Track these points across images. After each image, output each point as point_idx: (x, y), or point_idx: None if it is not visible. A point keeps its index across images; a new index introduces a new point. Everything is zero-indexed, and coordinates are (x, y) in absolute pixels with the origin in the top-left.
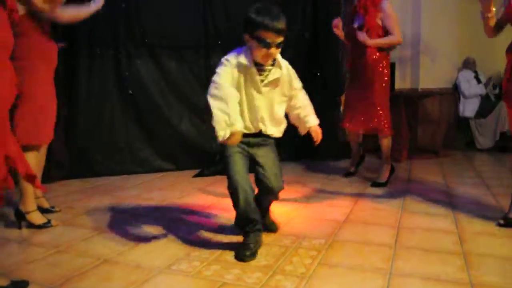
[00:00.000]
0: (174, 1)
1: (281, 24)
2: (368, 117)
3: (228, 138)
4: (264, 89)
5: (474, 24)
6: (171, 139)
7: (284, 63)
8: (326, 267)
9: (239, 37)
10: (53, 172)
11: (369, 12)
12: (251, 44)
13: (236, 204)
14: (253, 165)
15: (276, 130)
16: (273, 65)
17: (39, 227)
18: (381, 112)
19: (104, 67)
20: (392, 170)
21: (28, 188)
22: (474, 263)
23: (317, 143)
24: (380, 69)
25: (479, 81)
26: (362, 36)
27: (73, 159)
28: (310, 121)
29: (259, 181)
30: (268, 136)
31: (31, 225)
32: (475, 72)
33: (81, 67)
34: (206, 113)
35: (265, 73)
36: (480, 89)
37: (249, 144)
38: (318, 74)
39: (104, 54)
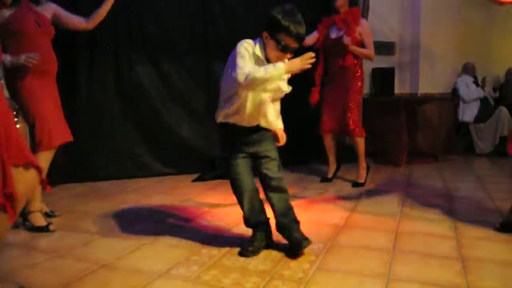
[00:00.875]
0: (174, 6)
1: (303, 32)
2: (341, 120)
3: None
4: (270, 87)
5: (473, 30)
6: (171, 143)
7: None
8: (324, 272)
9: (239, 41)
10: (54, 176)
11: (350, 27)
12: (269, 43)
13: (242, 207)
14: (256, 160)
15: (279, 123)
16: None
17: (38, 229)
18: (355, 116)
19: (104, 72)
20: (368, 169)
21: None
22: (472, 268)
23: (280, 144)
24: (357, 74)
25: (478, 86)
26: (347, 40)
27: (74, 163)
28: (280, 123)
29: (260, 173)
30: (266, 130)
31: (30, 229)
32: (475, 77)
33: (82, 72)
34: (205, 118)
35: None
36: (479, 93)
37: (249, 143)
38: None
39: (105, 60)
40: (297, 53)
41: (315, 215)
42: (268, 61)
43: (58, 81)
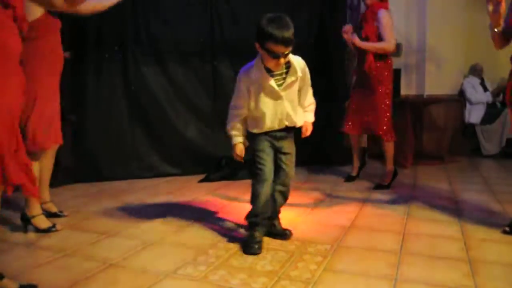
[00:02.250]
0: (181, 7)
1: (288, 35)
2: (371, 123)
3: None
4: (283, 93)
5: (480, 31)
6: (177, 144)
7: (299, 63)
8: (331, 273)
9: (246, 43)
10: (60, 176)
11: (368, 22)
12: (262, 53)
13: (257, 194)
14: (277, 153)
15: (299, 119)
16: (288, 67)
17: (44, 231)
18: (385, 119)
19: (111, 73)
20: (395, 174)
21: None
22: (479, 270)
23: (303, 136)
24: (381, 77)
25: (485, 87)
26: (353, 37)
27: (80, 163)
28: (309, 117)
29: (277, 167)
30: (291, 128)
31: (37, 229)
32: (481, 79)
33: (89, 73)
34: (212, 119)
35: (281, 77)
36: (487, 97)
37: (275, 138)
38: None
39: (112, 60)
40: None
41: (321, 216)
42: (269, 70)
43: (65, 80)
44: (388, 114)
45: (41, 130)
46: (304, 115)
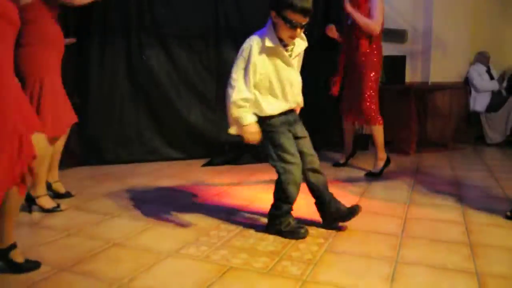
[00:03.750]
0: None
1: (308, 5)
2: (358, 108)
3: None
4: (293, 62)
5: (486, 18)
6: (181, 128)
7: (301, 35)
8: (332, 254)
9: (250, 28)
10: (65, 159)
11: (361, 7)
12: (277, 21)
13: (291, 195)
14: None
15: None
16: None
17: (49, 211)
18: (368, 104)
19: (115, 57)
20: (387, 161)
21: (39, 173)
22: (480, 253)
23: None
24: (371, 62)
25: (491, 75)
26: (347, 6)
27: (84, 147)
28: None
29: (300, 152)
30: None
31: (42, 209)
32: (488, 66)
33: (93, 56)
34: (215, 103)
35: (291, 47)
36: (493, 85)
37: (290, 123)
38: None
39: (116, 44)
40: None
41: None
42: (282, 42)
43: (70, 64)
44: (374, 99)
45: (56, 114)
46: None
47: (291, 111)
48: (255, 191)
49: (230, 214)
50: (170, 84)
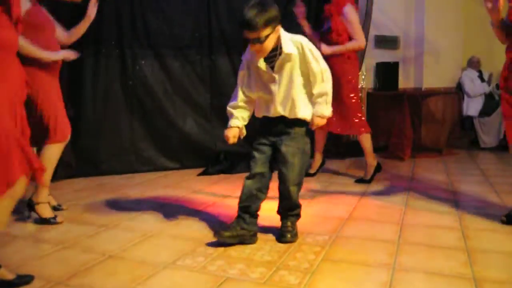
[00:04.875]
0: (178, 1)
1: (249, 17)
2: (342, 119)
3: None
4: (277, 75)
5: (478, 24)
6: (176, 138)
7: (298, 42)
8: (329, 263)
9: (243, 37)
10: (60, 171)
11: (334, 17)
12: None
13: (243, 185)
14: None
15: (298, 112)
16: (280, 49)
17: (44, 220)
18: (353, 112)
19: (109, 67)
20: (378, 168)
21: (44, 181)
22: (477, 259)
23: (312, 128)
24: (348, 69)
25: (483, 80)
26: (324, 49)
27: (79, 158)
28: (317, 110)
29: (278, 170)
30: (292, 123)
31: (37, 221)
32: (479, 71)
33: (87, 67)
34: (210, 112)
35: (274, 59)
36: (484, 88)
37: (272, 133)
38: None
39: (109, 54)
40: None
41: (320, 207)
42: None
43: (63, 75)
44: (357, 106)
45: (60, 118)
46: (314, 106)
47: (279, 121)
48: None
49: (226, 224)
50: (164, 94)
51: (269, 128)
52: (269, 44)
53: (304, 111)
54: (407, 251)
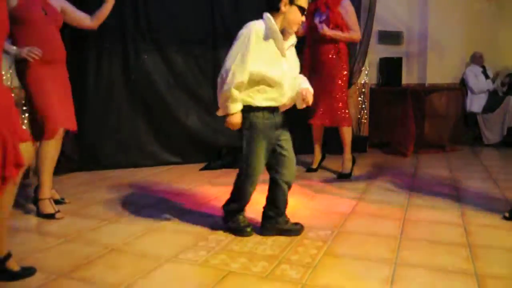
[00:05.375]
0: None
1: None
2: (329, 110)
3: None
4: (287, 53)
5: (481, 19)
6: (178, 132)
7: None
8: (331, 257)
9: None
10: (63, 165)
11: (332, 10)
12: (289, 10)
13: (246, 191)
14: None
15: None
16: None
17: (46, 216)
18: (340, 105)
19: (112, 62)
20: (353, 160)
21: (43, 177)
22: (479, 255)
23: (307, 104)
24: (341, 63)
25: (486, 76)
26: (321, 28)
27: (82, 152)
28: (302, 84)
29: (278, 155)
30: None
31: (40, 215)
32: (483, 67)
33: (90, 62)
34: (212, 107)
35: (287, 40)
36: (488, 85)
37: (276, 126)
38: None
39: (113, 49)
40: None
41: (322, 203)
42: (282, 32)
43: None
44: (344, 99)
45: (51, 113)
46: (304, 83)
47: (279, 112)
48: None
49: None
50: (167, 89)
51: (274, 123)
52: None
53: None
54: (409, 247)
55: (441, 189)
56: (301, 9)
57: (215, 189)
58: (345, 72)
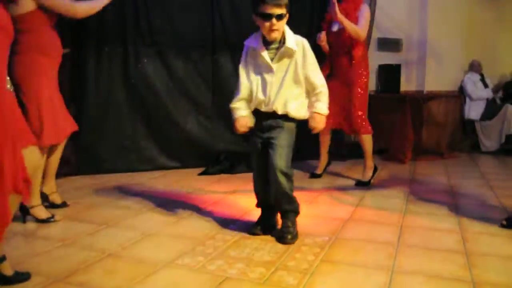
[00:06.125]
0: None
1: None
2: (348, 118)
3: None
4: (275, 66)
5: (480, 28)
6: (177, 137)
7: (299, 41)
8: (329, 264)
9: (246, 36)
10: (60, 168)
11: (350, 14)
12: (258, 22)
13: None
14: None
15: (295, 108)
16: (284, 43)
17: (43, 221)
18: (360, 113)
19: (112, 66)
20: (375, 170)
21: (33, 183)
22: (476, 262)
23: (313, 131)
24: (360, 70)
25: (485, 84)
26: (333, 11)
27: (80, 156)
28: (316, 106)
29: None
30: (282, 118)
31: (36, 220)
32: (481, 75)
33: (89, 65)
34: (211, 112)
35: (275, 50)
36: (487, 93)
37: (262, 129)
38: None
39: (112, 53)
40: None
41: (320, 209)
42: (267, 43)
43: (66, 74)
44: (364, 106)
45: (56, 121)
46: (314, 105)
47: (270, 116)
48: (250, 200)
49: (225, 224)
50: (166, 93)
51: (259, 122)
52: (283, 25)
53: (294, 108)
54: (407, 254)
55: (438, 196)
56: (263, 15)
57: (213, 194)
58: (365, 80)
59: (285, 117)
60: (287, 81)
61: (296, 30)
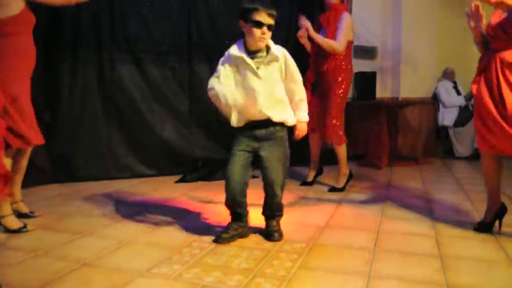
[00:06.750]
0: (158, 6)
1: (271, 9)
2: (323, 125)
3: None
4: (261, 73)
5: (453, 36)
6: (154, 144)
7: (280, 50)
8: (306, 270)
9: (223, 44)
10: (34, 176)
11: (330, 24)
12: (246, 29)
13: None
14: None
15: (278, 113)
16: (267, 52)
17: (15, 231)
18: (335, 121)
19: (86, 72)
20: (350, 176)
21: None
22: (450, 265)
23: (297, 138)
24: (339, 79)
25: (458, 91)
26: (301, 31)
27: (54, 163)
28: (298, 115)
29: (262, 174)
30: (275, 126)
31: (7, 230)
32: (454, 82)
33: (64, 72)
34: (188, 119)
35: (260, 59)
36: (460, 101)
37: (256, 138)
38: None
39: (87, 59)
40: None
41: (297, 216)
42: (249, 53)
43: (39, 81)
44: (340, 115)
45: (28, 126)
46: (295, 113)
47: (263, 125)
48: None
49: (203, 231)
50: (142, 100)
51: (250, 133)
52: (270, 36)
53: (288, 114)
54: (382, 259)
55: (413, 201)
56: (256, 23)
57: (190, 202)
58: (343, 88)
59: (280, 125)
60: (275, 88)
61: (274, 34)
